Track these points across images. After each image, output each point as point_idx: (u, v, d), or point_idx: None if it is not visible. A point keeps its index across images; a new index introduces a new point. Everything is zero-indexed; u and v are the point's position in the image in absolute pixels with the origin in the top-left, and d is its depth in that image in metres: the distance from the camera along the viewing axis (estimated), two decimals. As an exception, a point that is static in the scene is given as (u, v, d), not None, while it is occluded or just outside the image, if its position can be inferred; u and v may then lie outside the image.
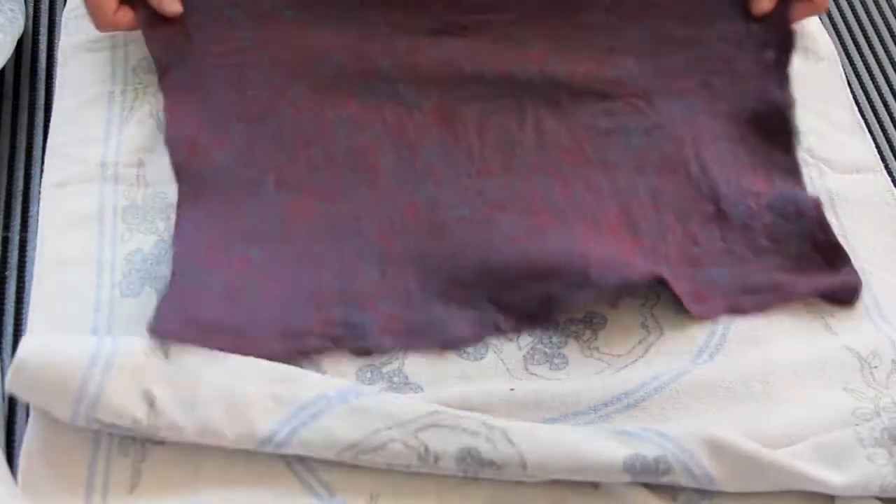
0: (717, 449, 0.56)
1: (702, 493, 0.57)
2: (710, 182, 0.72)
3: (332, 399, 0.56)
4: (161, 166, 0.68)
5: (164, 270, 0.62)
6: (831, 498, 0.58)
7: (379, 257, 0.66)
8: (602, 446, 0.55)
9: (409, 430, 0.55)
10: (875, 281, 0.69)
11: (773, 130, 0.75)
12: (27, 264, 0.64)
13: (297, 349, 0.60)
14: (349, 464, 0.56)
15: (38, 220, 0.65)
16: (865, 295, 0.68)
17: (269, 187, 0.68)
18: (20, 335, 0.61)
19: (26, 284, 0.63)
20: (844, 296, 0.67)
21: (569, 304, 0.64)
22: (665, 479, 0.56)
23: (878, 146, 0.77)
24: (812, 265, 0.68)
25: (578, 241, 0.66)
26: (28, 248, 0.65)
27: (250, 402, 0.55)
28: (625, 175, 0.72)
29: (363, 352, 0.62)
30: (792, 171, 0.73)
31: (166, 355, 0.56)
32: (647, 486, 0.57)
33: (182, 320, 0.59)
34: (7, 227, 0.66)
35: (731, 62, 0.77)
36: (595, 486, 0.57)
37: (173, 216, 0.65)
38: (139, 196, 0.67)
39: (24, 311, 0.62)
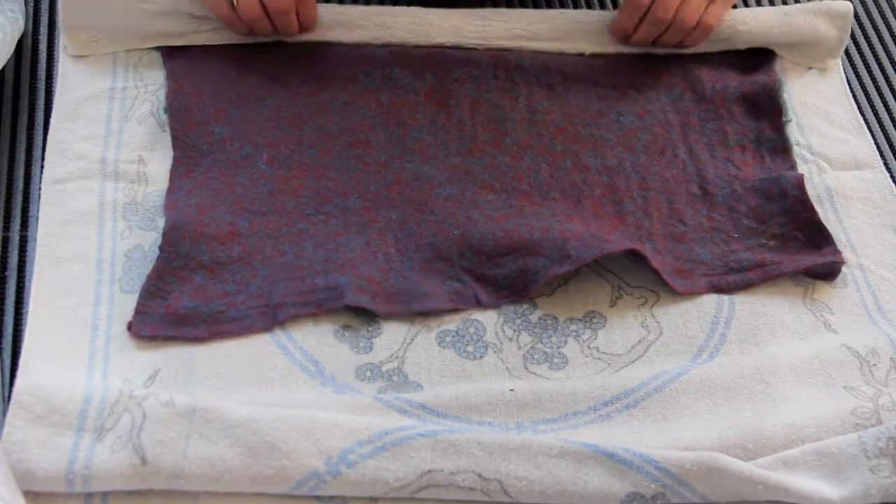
0: (716, 474, 0.55)
1: None
2: (698, 166, 0.74)
3: (323, 475, 0.55)
4: (161, 164, 0.69)
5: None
6: None
7: (363, 228, 0.67)
8: (598, 489, 0.55)
9: (404, 494, 0.55)
10: (874, 278, 0.69)
11: (761, 108, 0.77)
12: (27, 264, 0.64)
13: (276, 321, 0.62)
14: None
15: (38, 218, 0.65)
16: (864, 293, 0.68)
17: (261, 162, 0.70)
18: (20, 335, 0.61)
19: (26, 284, 0.63)
20: (827, 273, 0.68)
21: (547, 278, 0.65)
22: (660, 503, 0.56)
23: (877, 145, 0.77)
24: (795, 244, 0.70)
25: (560, 219, 0.68)
26: (28, 247, 0.65)
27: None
28: (613, 151, 0.74)
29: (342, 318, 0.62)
30: (781, 148, 0.75)
31: (143, 463, 0.54)
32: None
33: (160, 316, 0.61)
34: (7, 226, 0.66)
35: (715, 64, 0.80)
36: None
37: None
38: (139, 193, 0.67)
39: (24, 310, 0.62)
